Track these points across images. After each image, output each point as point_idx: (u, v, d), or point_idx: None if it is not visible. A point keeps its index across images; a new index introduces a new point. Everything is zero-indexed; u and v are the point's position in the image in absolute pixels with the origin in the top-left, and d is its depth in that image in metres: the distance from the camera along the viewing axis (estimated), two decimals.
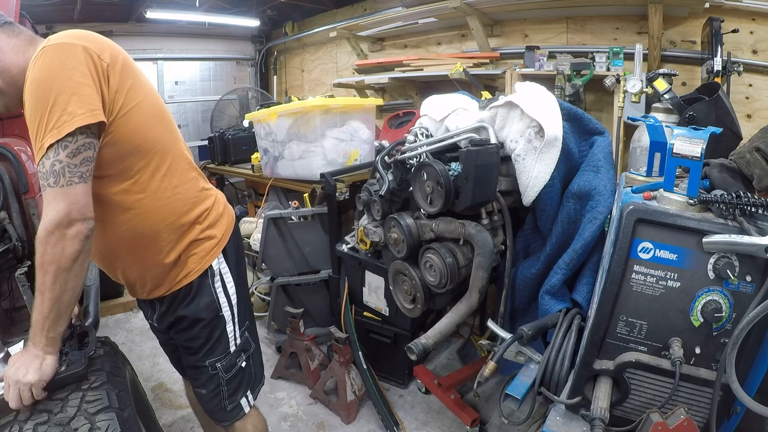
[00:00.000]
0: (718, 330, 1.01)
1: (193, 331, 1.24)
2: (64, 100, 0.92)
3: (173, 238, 1.17)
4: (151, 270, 1.18)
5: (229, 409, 1.33)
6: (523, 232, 1.85)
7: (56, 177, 0.92)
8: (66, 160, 0.93)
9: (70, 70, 0.94)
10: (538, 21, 3.28)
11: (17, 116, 2.28)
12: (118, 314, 3.12)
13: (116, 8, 4.32)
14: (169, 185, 1.14)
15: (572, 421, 1.17)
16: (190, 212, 1.19)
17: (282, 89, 5.63)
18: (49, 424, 0.96)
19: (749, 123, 2.53)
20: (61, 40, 0.96)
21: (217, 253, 1.25)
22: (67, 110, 0.92)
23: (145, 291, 1.23)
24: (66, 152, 0.93)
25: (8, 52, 1.03)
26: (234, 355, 1.31)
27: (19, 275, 1.84)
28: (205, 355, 1.27)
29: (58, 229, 0.92)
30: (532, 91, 1.72)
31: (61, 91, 0.92)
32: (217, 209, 1.27)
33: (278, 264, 2.59)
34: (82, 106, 0.94)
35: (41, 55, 0.94)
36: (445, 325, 1.62)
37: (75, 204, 0.94)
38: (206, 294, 1.24)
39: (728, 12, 2.46)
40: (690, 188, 1.01)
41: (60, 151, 0.92)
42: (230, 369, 1.31)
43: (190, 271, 1.20)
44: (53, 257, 0.93)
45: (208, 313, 1.24)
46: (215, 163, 3.48)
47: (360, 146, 2.65)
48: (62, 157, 0.92)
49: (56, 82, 0.92)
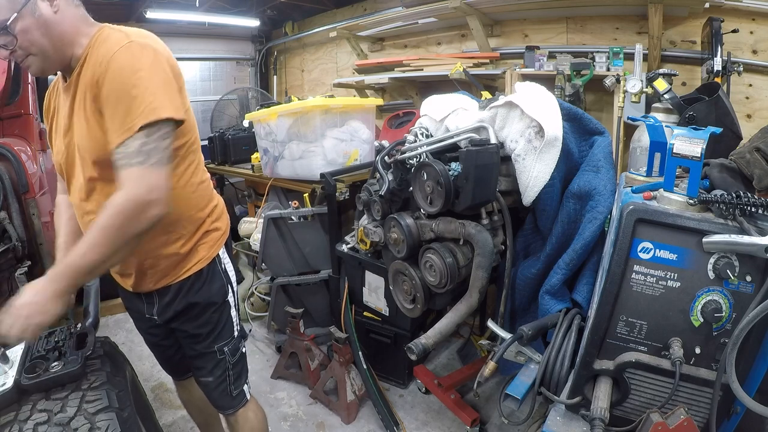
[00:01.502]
0: (718, 330, 1.01)
1: (204, 317, 1.29)
2: (157, 91, 0.98)
3: (191, 229, 1.23)
4: (167, 259, 1.21)
5: (235, 394, 1.39)
6: (523, 232, 1.85)
7: (145, 156, 0.96)
8: (155, 142, 0.98)
9: (159, 69, 1.01)
10: (538, 21, 3.27)
11: (17, 116, 2.28)
12: (118, 314, 3.11)
13: (116, 8, 4.32)
14: (196, 180, 1.23)
15: (572, 421, 1.17)
16: (206, 207, 1.28)
17: (282, 89, 5.63)
18: (49, 424, 0.96)
19: (749, 123, 2.52)
20: (146, 41, 1.03)
21: (222, 243, 1.33)
22: (160, 99, 0.98)
23: (153, 280, 1.24)
24: (157, 135, 0.98)
25: (68, 20, 1.05)
26: (237, 339, 1.39)
27: (19, 275, 1.84)
28: (214, 341, 1.32)
29: (138, 206, 0.96)
30: (532, 91, 1.72)
31: (155, 83, 0.98)
32: (221, 206, 1.37)
33: (278, 264, 2.59)
34: (173, 100, 1.02)
35: (129, 48, 0.99)
36: (445, 325, 1.62)
37: (159, 185, 0.98)
38: (218, 279, 1.31)
39: (728, 12, 2.46)
40: (690, 188, 1.01)
41: (153, 133, 0.97)
42: (235, 353, 1.37)
43: (200, 258, 1.26)
44: (121, 227, 0.96)
45: (220, 297, 1.31)
46: (215, 163, 3.47)
47: (360, 146, 2.65)
48: (153, 138, 0.97)
49: (150, 75, 0.98)
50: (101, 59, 1.00)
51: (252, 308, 3.03)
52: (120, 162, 0.97)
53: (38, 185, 2.08)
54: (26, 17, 0.97)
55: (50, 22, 1.01)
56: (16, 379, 1.03)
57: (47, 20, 1.00)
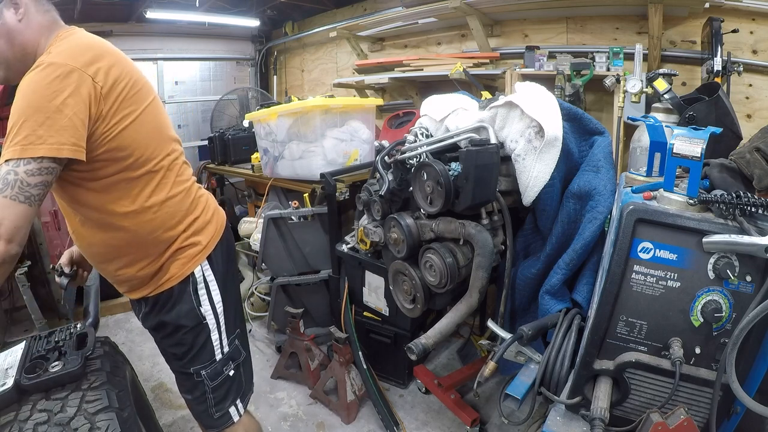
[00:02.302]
0: (718, 330, 1.01)
1: (175, 337, 1.23)
2: (41, 122, 0.89)
3: (156, 251, 1.16)
4: (138, 274, 1.18)
5: (216, 417, 1.31)
6: (523, 232, 1.85)
7: (5, 186, 0.88)
8: (23, 176, 0.89)
9: (61, 97, 0.90)
10: (538, 21, 3.27)
11: None
12: (118, 314, 3.12)
13: (116, 8, 4.31)
14: (159, 199, 1.13)
15: (572, 421, 1.17)
16: (179, 224, 1.18)
17: (282, 89, 5.62)
18: (49, 424, 0.96)
19: (749, 123, 2.52)
20: (61, 60, 0.93)
21: (200, 260, 1.21)
22: (37, 133, 0.89)
23: (131, 290, 1.23)
24: (25, 169, 0.89)
25: (32, 29, 1.01)
26: (220, 363, 1.28)
27: (19, 275, 1.84)
28: (189, 362, 1.25)
29: None
30: (532, 91, 1.72)
31: (42, 113, 0.89)
32: (205, 216, 1.25)
33: (278, 264, 2.59)
34: (54, 134, 0.90)
35: (41, 70, 0.91)
36: (445, 325, 1.62)
37: (12, 223, 0.88)
38: (186, 301, 1.21)
39: (728, 12, 2.45)
40: (690, 188, 1.01)
41: (20, 164, 0.89)
42: (216, 377, 1.28)
43: (171, 276, 1.19)
44: None
45: (189, 320, 1.22)
46: (215, 163, 3.48)
47: (360, 146, 2.65)
48: (20, 170, 0.89)
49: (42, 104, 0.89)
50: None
51: (252, 308, 3.03)
52: None
53: None
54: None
55: (13, 30, 0.98)
56: (16, 379, 1.03)
57: (10, 29, 0.97)
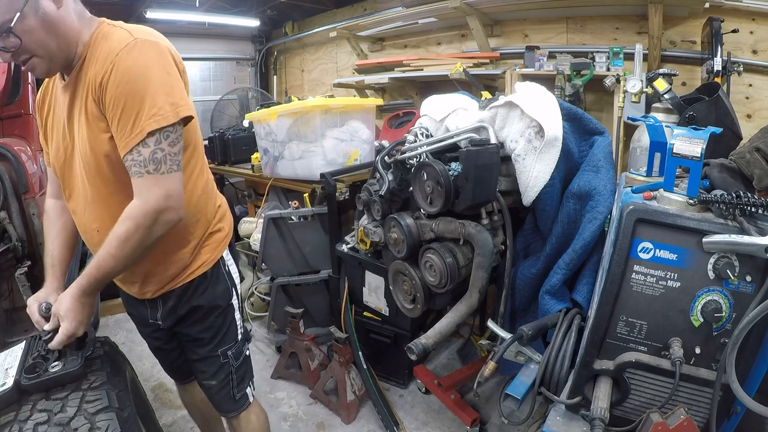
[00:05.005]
0: (718, 330, 1.01)
1: (207, 320, 1.28)
2: (166, 91, 0.97)
3: (200, 232, 1.23)
4: (174, 264, 1.20)
5: (238, 398, 1.37)
6: (523, 232, 1.85)
7: (157, 164, 0.97)
8: (168, 148, 0.97)
9: (167, 67, 0.99)
10: (538, 21, 3.27)
11: (17, 116, 2.28)
12: (118, 314, 3.11)
13: (116, 8, 4.32)
14: (202, 182, 1.22)
15: (572, 421, 1.17)
16: (213, 208, 1.27)
17: (282, 89, 5.63)
18: (49, 424, 0.96)
19: (749, 123, 2.52)
20: (150, 38, 1.00)
21: (226, 244, 1.31)
22: (170, 101, 0.97)
23: (158, 286, 1.22)
24: (168, 141, 0.97)
25: (72, 16, 1.00)
26: (241, 342, 1.37)
27: (19, 275, 1.84)
28: (217, 345, 1.31)
29: (155, 213, 0.97)
30: (532, 91, 1.72)
31: (163, 83, 0.97)
32: (224, 205, 1.35)
33: (278, 264, 2.59)
34: (182, 98, 1.00)
35: (135, 47, 0.96)
36: (445, 325, 1.62)
37: (174, 191, 0.99)
38: (222, 281, 1.29)
39: (728, 12, 2.46)
40: (690, 188, 1.01)
41: (162, 139, 0.97)
42: (239, 357, 1.36)
43: (204, 261, 1.24)
44: (141, 235, 0.98)
45: (224, 300, 1.30)
46: (215, 163, 3.47)
47: (360, 146, 2.65)
48: (164, 145, 0.97)
49: (157, 75, 0.96)
50: (104, 58, 0.96)
51: (252, 308, 3.03)
52: (132, 170, 0.97)
53: (38, 185, 2.08)
54: (29, 16, 0.90)
55: (55, 19, 0.95)
56: (16, 379, 1.03)
57: (52, 18, 0.94)
